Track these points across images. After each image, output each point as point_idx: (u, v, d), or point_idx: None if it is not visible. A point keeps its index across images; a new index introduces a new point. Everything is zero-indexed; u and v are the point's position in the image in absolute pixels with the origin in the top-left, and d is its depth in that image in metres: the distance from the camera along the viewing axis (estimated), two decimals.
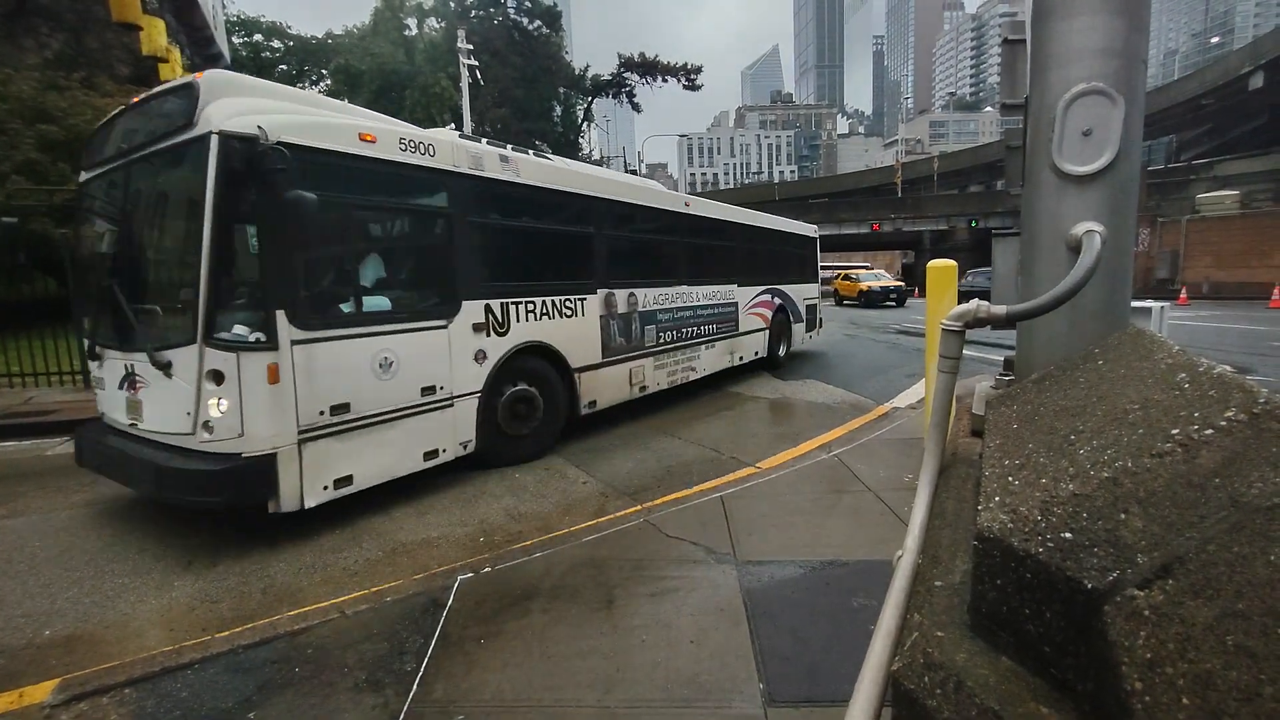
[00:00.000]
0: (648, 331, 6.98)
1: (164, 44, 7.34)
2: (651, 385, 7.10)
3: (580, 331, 6.00)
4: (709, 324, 8.22)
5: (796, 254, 11.61)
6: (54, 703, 2.28)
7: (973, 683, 1.15)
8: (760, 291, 9.74)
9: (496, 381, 5.06)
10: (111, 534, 4.01)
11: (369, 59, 28.81)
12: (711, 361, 8.33)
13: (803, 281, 11.58)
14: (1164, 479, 1.10)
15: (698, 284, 7.99)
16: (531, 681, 2.33)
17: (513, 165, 5.38)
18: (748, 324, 9.30)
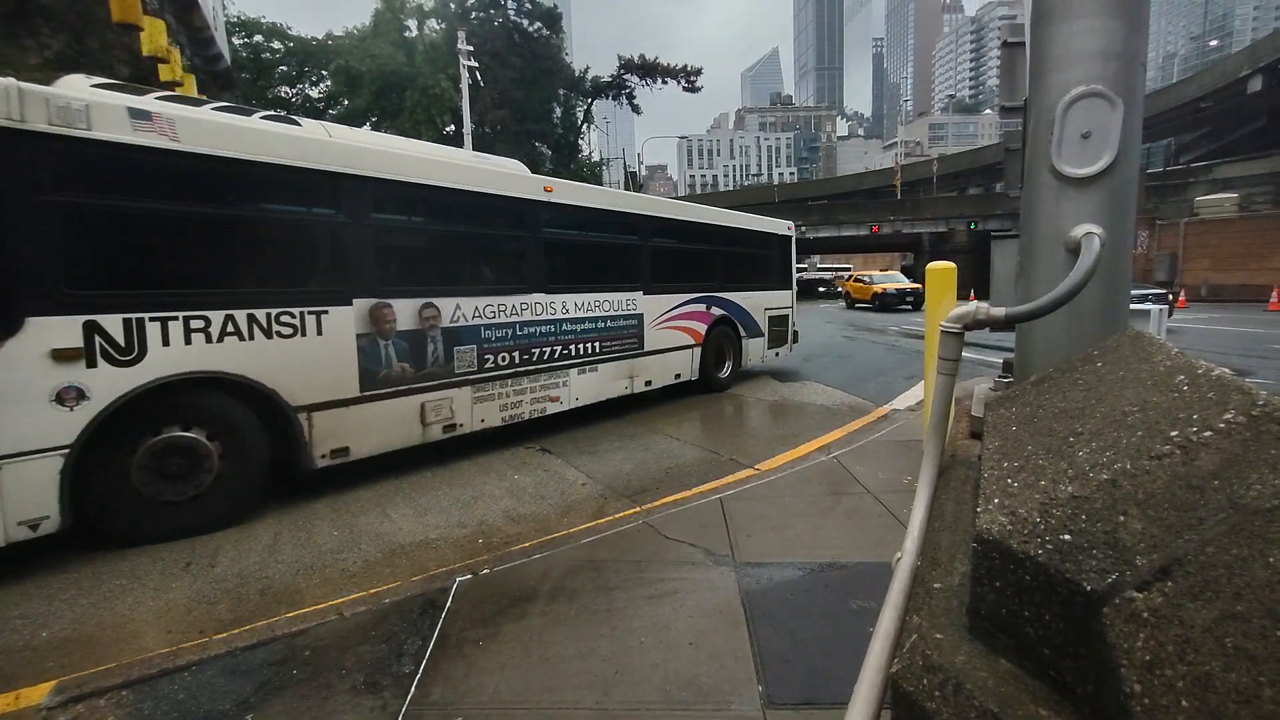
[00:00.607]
0: (461, 354, 5.41)
1: (164, 44, 7.35)
2: (469, 422, 5.52)
3: (313, 356, 4.44)
4: (586, 341, 6.65)
5: (755, 255, 9.78)
6: (51, 705, 2.27)
7: (972, 685, 1.15)
8: (686, 301, 8.09)
9: (116, 429, 3.64)
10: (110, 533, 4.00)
11: (369, 60, 28.84)
12: (591, 388, 6.77)
13: (765, 288, 9.80)
14: (1163, 481, 1.10)
15: (566, 292, 6.42)
16: (530, 683, 2.33)
17: (163, 125, 3.79)
18: (661, 340, 7.67)
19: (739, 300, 9.08)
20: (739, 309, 9.12)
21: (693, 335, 8.22)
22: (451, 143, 30.22)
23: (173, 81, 7.81)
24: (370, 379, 4.80)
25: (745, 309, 9.25)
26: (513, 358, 5.88)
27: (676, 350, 7.99)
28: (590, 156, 41.92)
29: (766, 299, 9.81)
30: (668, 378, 7.89)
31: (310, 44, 30.84)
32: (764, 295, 9.75)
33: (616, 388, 7.13)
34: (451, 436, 5.42)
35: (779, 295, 10.21)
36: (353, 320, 4.69)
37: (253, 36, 29.42)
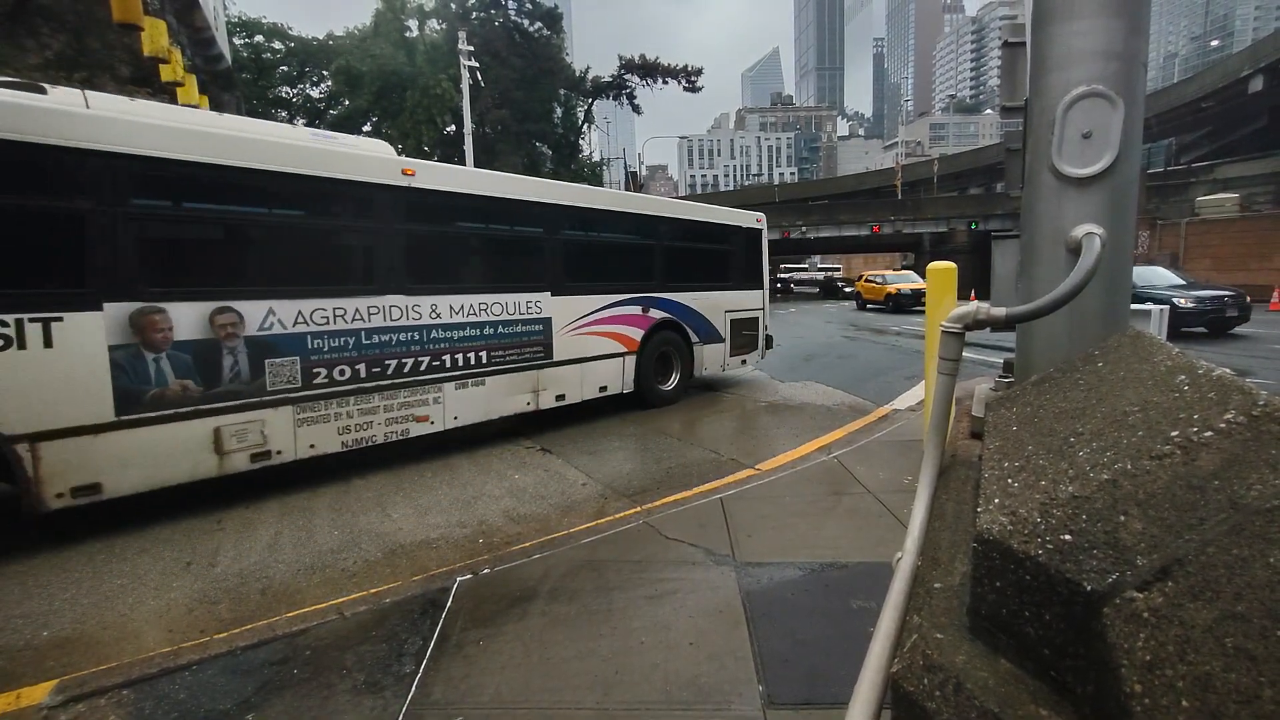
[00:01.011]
0: (278, 367, 4.52)
1: (165, 45, 7.36)
2: (291, 448, 4.63)
3: (37, 373, 3.64)
4: (467, 351, 5.68)
5: (713, 251, 8.74)
6: (52, 704, 2.27)
7: (972, 685, 1.15)
8: (615, 303, 7.11)
9: None
10: (109, 535, 4.01)
11: (370, 60, 28.85)
12: (476, 405, 5.80)
13: (726, 288, 8.73)
14: (1163, 481, 1.10)
15: (436, 293, 5.48)
16: (530, 683, 2.33)
17: None
18: (578, 349, 6.70)
19: (690, 302, 8.09)
20: (689, 312, 8.11)
21: (624, 342, 7.24)
22: (453, 143, 30.30)
23: (174, 82, 7.82)
24: (131, 400, 3.95)
25: (698, 312, 8.23)
26: (357, 371, 4.96)
27: (600, 359, 6.98)
28: (591, 157, 41.93)
29: (729, 300, 8.73)
30: (589, 390, 6.90)
31: (311, 44, 30.87)
32: (725, 296, 8.68)
33: (514, 404, 6.12)
34: (264, 466, 4.52)
35: (745, 296, 9.05)
36: (103, 329, 3.85)
37: (253, 37, 29.45)
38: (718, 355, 8.63)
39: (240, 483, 4.91)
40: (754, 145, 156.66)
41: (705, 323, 8.37)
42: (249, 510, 4.41)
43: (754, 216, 9.40)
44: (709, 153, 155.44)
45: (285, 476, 5.06)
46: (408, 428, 5.33)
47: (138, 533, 4.04)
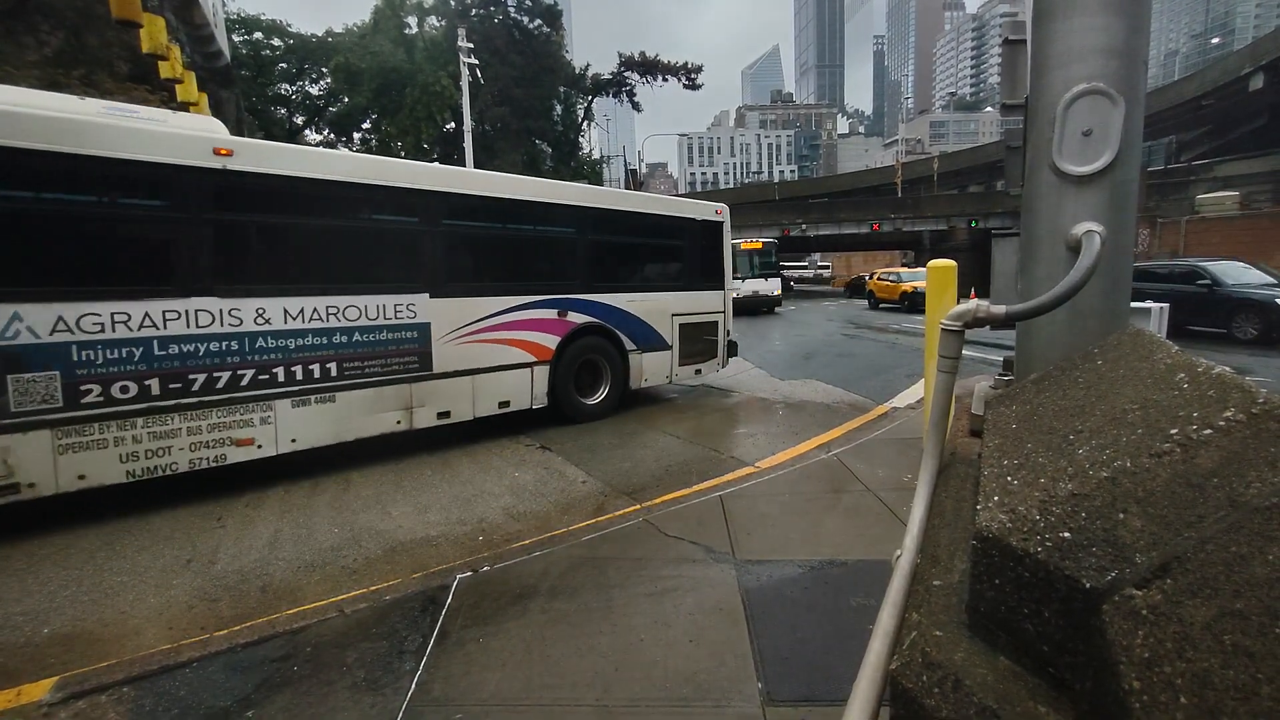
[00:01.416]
0: (26, 385, 3.82)
1: (164, 42, 7.34)
2: (48, 481, 3.91)
3: None
4: (308, 362, 4.88)
5: (657, 247, 7.87)
6: (52, 701, 2.28)
7: (971, 682, 1.15)
8: (520, 306, 6.23)
9: None
10: (110, 532, 4.01)
11: (369, 57, 28.79)
12: (321, 424, 5.00)
13: (675, 288, 7.82)
14: (1163, 479, 1.10)
15: (261, 295, 4.67)
16: (530, 680, 2.33)
17: None
18: (467, 358, 5.82)
19: (623, 304, 7.20)
20: (622, 315, 7.20)
21: (533, 350, 6.37)
22: (452, 140, 30.26)
23: (173, 79, 7.81)
24: None
25: (634, 315, 7.32)
26: (147, 387, 4.21)
27: (500, 370, 6.11)
28: (591, 154, 41.88)
29: (677, 302, 7.79)
30: (484, 405, 6.01)
31: (310, 41, 30.80)
32: (673, 298, 7.76)
33: (378, 423, 5.31)
34: (12, 501, 3.81)
35: (700, 298, 8.10)
36: None
37: (252, 34, 29.38)
38: (662, 364, 7.67)
39: (239, 480, 4.92)
40: (754, 143, 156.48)
41: (644, 328, 7.45)
42: (249, 508, 4.42)
43: (712, 208, 8.36)
44: (709, 150, 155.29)
45: (283, 475, 5.07)
46: (224, 453, 4.56)
47: (138, 530, 4.04)
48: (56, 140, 3.89)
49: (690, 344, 8.00)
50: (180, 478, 4.55)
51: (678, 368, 7.88)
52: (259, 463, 4.91)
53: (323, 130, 33.78)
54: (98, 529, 4.06)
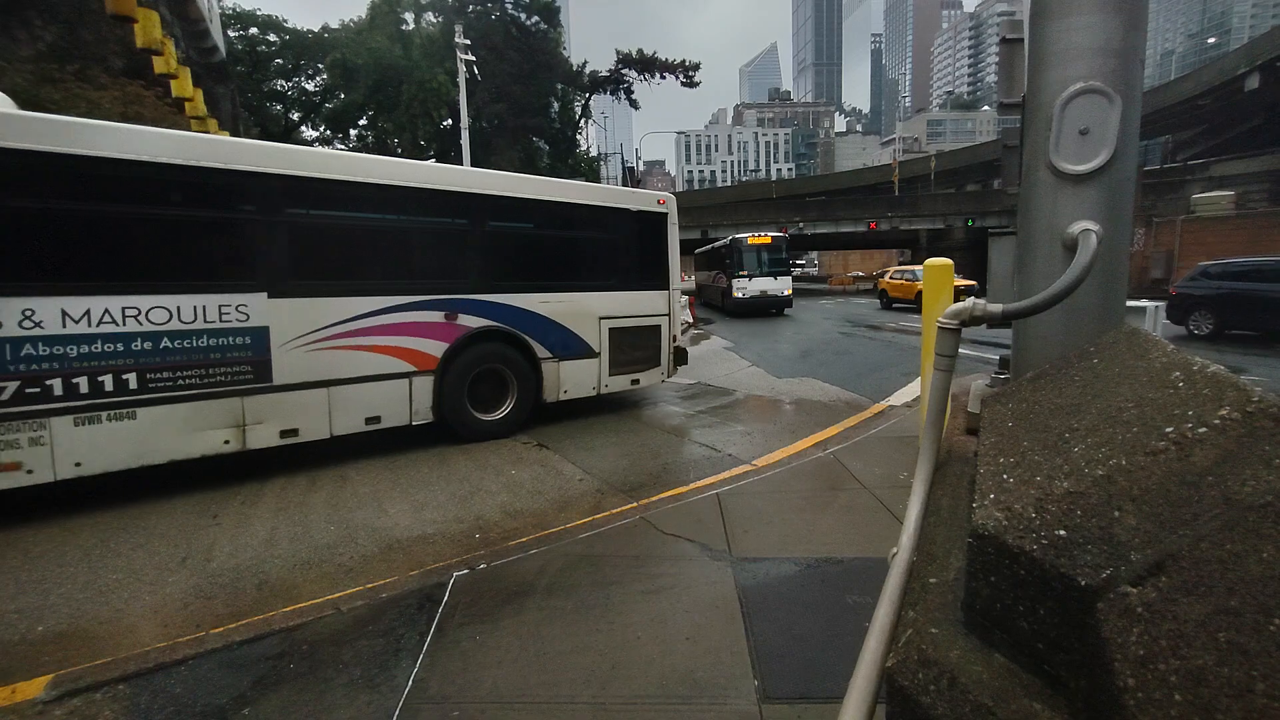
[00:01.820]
0: None
1: (159, 36, 7.29)
2: None
3: None
4: (98, 372, 4.22)
5: (581, 242, 7.12)
6: (47, 699, 2.27)
7: (966, 679, 1.15)
8: (394, 307, 5.48)
9: None
10: (105, 529, 4.00)
11: (365, 53, 28.68)
12: (119, 446, 4.31)
13: (602, 288, 6.99)
14: (1158, 477, 1.10)
15: (32, 292, 4.02)
16: (527, 678, 2.34)
17: None
18: (322, 368, 5.09)
19: (535, 306, 6.39)
20: (533, 319, 6.38)
21: (411, 358, 5.59)
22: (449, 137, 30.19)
23: (168, 74, 7.76)
24: None
25: (550, 319, 6.51)
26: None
27: (366, 381, 5.33)
28: (588, 151, 41.81)
29: (607, 304, 6.96)
30: (347, 421, 5.25)
31: (306, 37, 30.66)
32: (601, 299, 6.92)
33: (199, 443, 4.60)
34: None
35: (636, 299, 7.25)
36: None
37: (248, 29, 29.23)
38: (586, 374, 6.85)
39: (235, 477, 4.91)
40: (751, 141, 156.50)
41: (562, 333, 6.62)
42: (245, 506, 4.40)
43: (653, 197, 7.50)
44: (706, 148, 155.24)
45: (280, 472, 5.06)
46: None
47: (134, 527, 4.02)
48: None
49: (624, 351, 7.11)
50: (178, 472, 4.55)
51: (608, 378, 7.02)
52: (255, 459, 4.90)
53: (319, 127, 33.66)
54: (93, 526, 4.04)
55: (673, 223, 7.60)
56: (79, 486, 4.31)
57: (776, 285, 20.88)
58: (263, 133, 28.38)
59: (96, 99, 14.47)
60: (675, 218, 7.64)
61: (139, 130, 4.45)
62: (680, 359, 7.87)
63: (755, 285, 20.63)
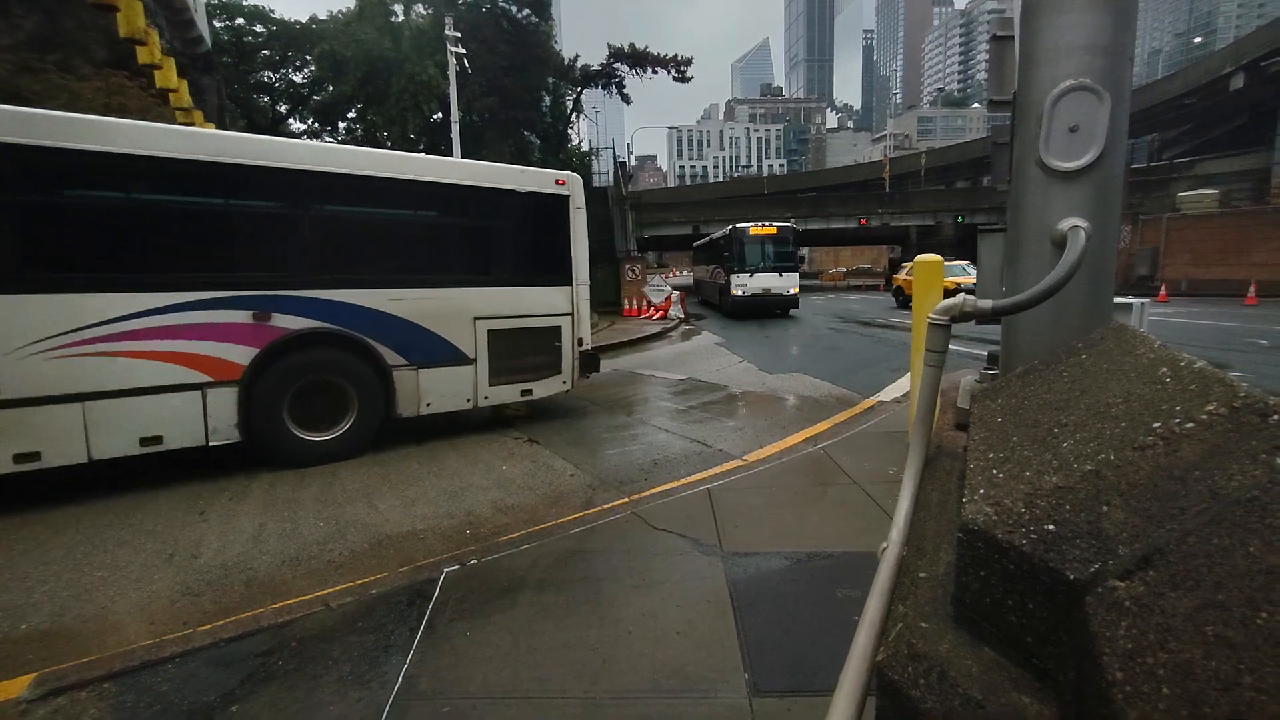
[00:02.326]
0: None
1: (142, 26, 7.16)
2: None
3: None
4: None
5: (449, 229, 6.17)
6: (30, 698, 2.24)
7: (956, 673, 1.16)
8: (184, 304, 4.62)
9: None
10: (90, 526, 3.95)
11: (354, 45, 28.33)
12: None
13: (480, 283, 6.09)
14: (1145, 472, 1.11)
15: None
16: (518, 673, 2.33)
17: None
18: (80, 378, 4.28)
19: (383, 304, 5.46)
20: (381, 319, 5.46)
21: (205, 366, 4.70)
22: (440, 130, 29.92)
23: (152, 64, 7.63)
24: None
25: (403, 319, 5.57)
26: None
27: (141, 394, 4.47)
28: (580, 146, 41.64)
29: (486, 301, 6.03)
30: (113, 443, 4.40)
31: (294, 28, 30.25)
32: (477, 296, 6.01)
33: None
34: None
35: (526, 296, 6.28)
36: None
37: (234, 19, 28.79)
38: (456, 383, 5.90)
39: (223, 473, 4.86)
40: (743, 136, 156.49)
41: (423, 336, 5.67)
42: (233, 502, 4.36)
43: (549, 177, 6.45)
44: (698, 143, 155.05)
45: (270, 467, 5.01)
46: None
47: (119, 524, 3.98)
48: None
49: (509, 357, 6.12)
50: (165, 467, 4.50)
51: (488, 388, 6.05)
52: (252, 457, 4.85)
53: (307, 119, 33.26)
54: (77, 523, 3.99)
55: (578, 207, 6.55)
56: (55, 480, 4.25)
57: (782, 283, 18.48)
58: (249, 124, 28.04)
59: (79, 89, 14.21)
60: (582, 201, 6.59)
61: None
62: (589, 365, 6.84)
63: (757, 282, 18.29)
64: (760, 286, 18.32)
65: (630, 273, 22.79)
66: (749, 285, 18.26)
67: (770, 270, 18.53)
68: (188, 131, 4.99)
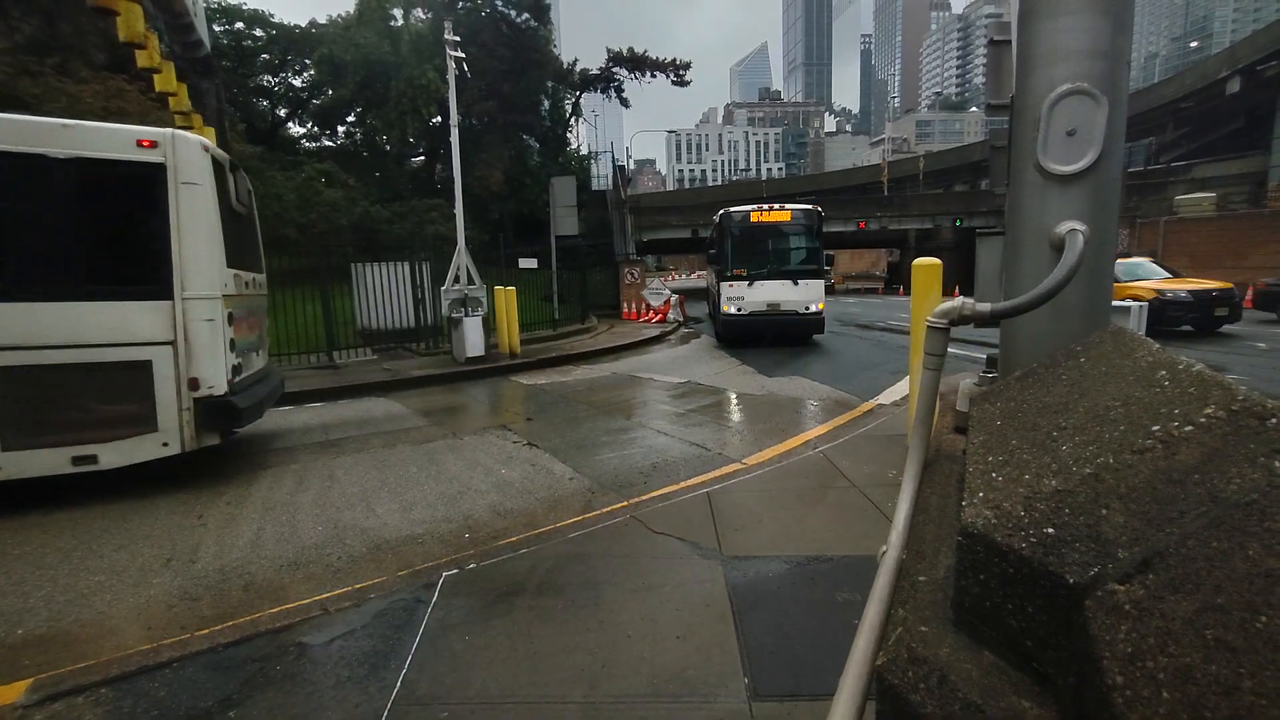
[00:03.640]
0: None
1: (142, 30, 7.15)
2: None
3: None
4: None
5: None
6: (27, 703, 2.23)
7: (956, 677, 1.16)
8: None
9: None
10: (87, 531, 3.94)
11: (353, 49, 28.37)
12: None
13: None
14: (1145, 475, 1.11)
15: None
16: (517, 678, 2.32)
17: None
18: None
19: None
20: None
21: None
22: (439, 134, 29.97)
23: (151, 68, 7.62)
24: None
25: None
26: None
27: None
28: (579, 150, 41.69)
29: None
30: None
31: (293, 32, 30.30)
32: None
33: None
34: None
35: (73, 316, 4.25)
36: None
37: (234, 23, 28.85)
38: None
39: (221, 477, 4.85)
40: (742, 140, 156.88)
41: None
42: (231, 506, 4.35)
43: (128, 135, 4.46)
44: (697, 147, 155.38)
45: (266, 471, 5.00)
46: None
47: (116, 529, 3.96)
48: None
49: (40, 408, 4.24)
50: (162, 472, 4.48)
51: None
52: (241, 459, 4.83)
53: (306, 123, 33.29)
54: (74, 527, 3.98)
55: (190, 182, 4.52)
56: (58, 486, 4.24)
57: (797, 294, 12.23)
58: (248, 128, 28.01)
59: (77, 93, 14.23)
60: (200, 173, 4.58)
61: None
62: (223, 418, 4.70)
63: (759, 294, 12.25)
64: (763, 300, 12.21)
65: (629, 276, 22.78)
66: (746, 299, 12.22)
67: (780, 276, 12.35)
68: None
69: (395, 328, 12.14)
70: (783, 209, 12.83)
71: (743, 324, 12.35)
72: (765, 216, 12.73)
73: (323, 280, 11.03)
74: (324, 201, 21.38)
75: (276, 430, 6.51)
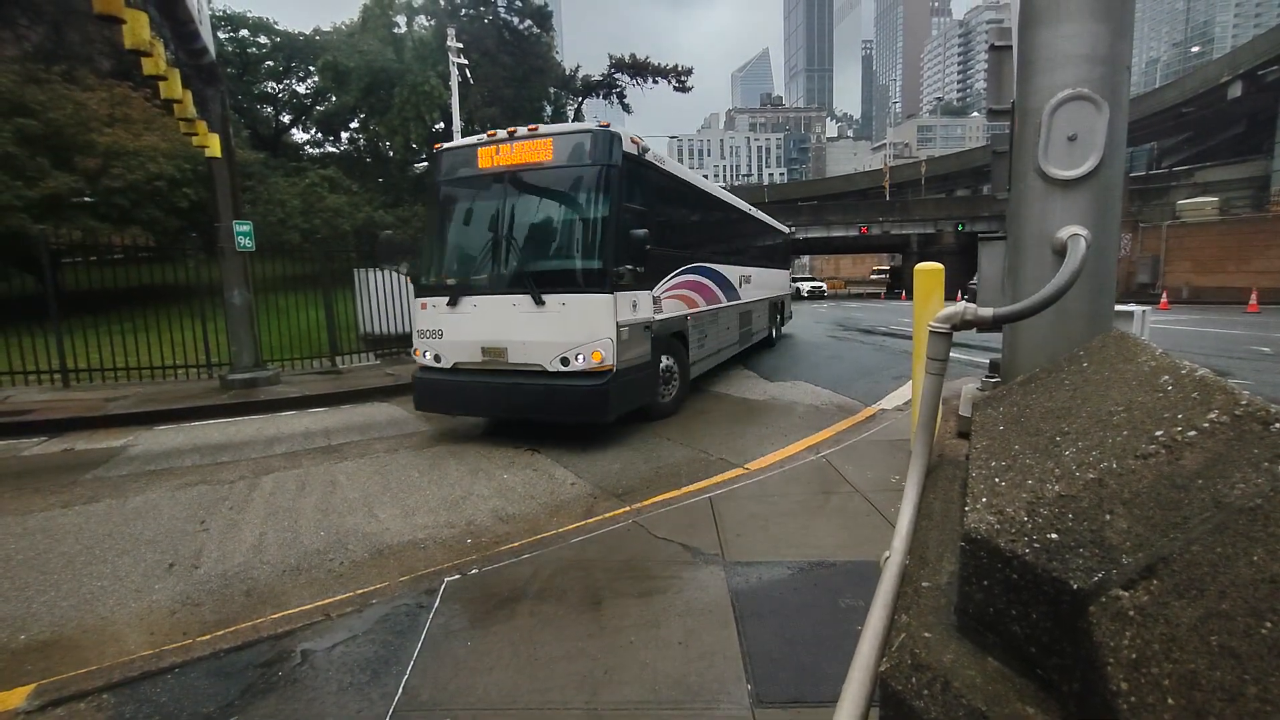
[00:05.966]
0: None
1: (147, 38, 7.19)
2: None
3: None
4: None
5: None
6: (29, 709, 2.23)
7: (959, 683, 1.15)
8: None
9: None
10: (89, 536, 3.94)
11: (357, 56, 28.55)
12: None
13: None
14: (1148, 480, 1.11)
15: None
16: (518, 684, 2.32)
17: None
18: None
19: None
20: None
21: None
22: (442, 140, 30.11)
23: (157, 76, 7.67)
24: None
25: None
26: None
27: None
28: None
29: None
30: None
31: (298, 39, 30.50)
32: None
33: None
34: None
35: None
36: None
37: (239, 31, 29.05)
38: None
39: (221, 482, 4.85)
40: (743, 145, 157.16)
41: None
42: (233, 511, 4.35)
43: None
44: (699, 152, 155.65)
45: (269, 476, 5.00)
46: None
47: (119, 534, 3.97)
48: None
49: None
50: None
51: None
52: (244, 464, 4.85)
53: (310, 129, 33.47)
54: (77, 533, 3.98)
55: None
56: None
57: (544, 328, 5.66)
58: (252, 135, 28.18)
59: (83, 100, 14.32)
60: None
61: None
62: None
63: (465, 329, 5.97)
64: (475, 340, 5.96)
65: None
66: (448, 336, 6.11)
67: (511, 288, 5.81)
68: None
69: (398, 333, 12.15)
70: (538, 137, 6.07)
71: (450, 390, 6.19)
72: (505, 156, 6.16)
73: (325, 285, 11.06)
74: (327, 207, 21.48)
75: (279, 435, 6.52)
